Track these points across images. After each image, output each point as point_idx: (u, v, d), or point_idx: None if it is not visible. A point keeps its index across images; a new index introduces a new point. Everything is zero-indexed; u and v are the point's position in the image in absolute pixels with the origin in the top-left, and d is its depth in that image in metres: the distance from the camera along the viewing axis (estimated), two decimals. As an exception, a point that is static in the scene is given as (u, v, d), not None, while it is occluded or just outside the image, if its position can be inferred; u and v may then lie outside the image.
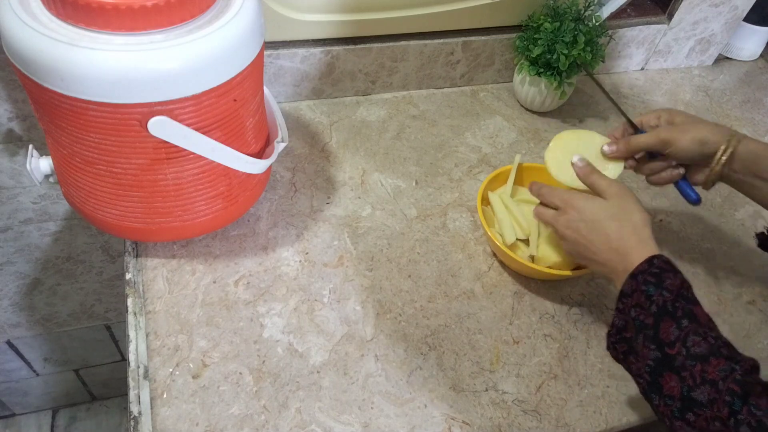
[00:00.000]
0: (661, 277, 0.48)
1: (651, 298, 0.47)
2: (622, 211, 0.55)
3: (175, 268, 0.65)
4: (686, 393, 0.43)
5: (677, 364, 0.44)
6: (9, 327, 1.15)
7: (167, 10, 0.47)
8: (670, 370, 0.45)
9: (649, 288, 0.48)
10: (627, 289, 0.50)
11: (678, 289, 0.47)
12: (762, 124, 0.99)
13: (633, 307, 0.49)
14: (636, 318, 0.48)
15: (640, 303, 0.48)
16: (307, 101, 0.89)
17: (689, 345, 0.44)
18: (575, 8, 0.85)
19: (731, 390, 0.41)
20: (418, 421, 0.57)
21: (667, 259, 0.50)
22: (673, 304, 0.47)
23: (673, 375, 0.44)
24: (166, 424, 0.54)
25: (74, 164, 0.55)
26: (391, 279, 0.68)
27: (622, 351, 0.51)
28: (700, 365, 0.43)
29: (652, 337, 0.46)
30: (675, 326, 0.46)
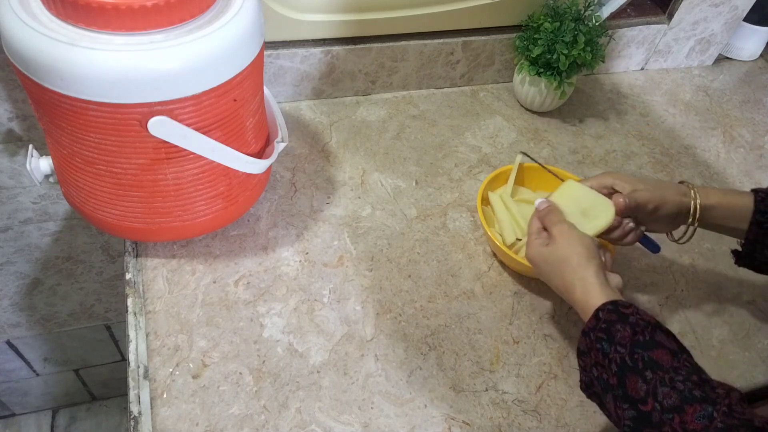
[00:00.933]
0: (610, 332, 0.47)
1: (608, 356, 0.46)
2: (562, 260, 0.53)
3: (175, 268, 0.65)
4: None
5: (655, 420, 0.43)
6: (9, 327, 1.15)
7: (167, 10, 0.47)
8: (650, 427, 0.43)
9: (602, 345, 0.47)
10: (583, 347, 0.49)
11: (630, 339, 0.46)
12: (762, 124, 0.99)
13: (593, 366, 0.48)
14: (599, 377, 0.47)
15: (599, 362, 0.47)
16: (307, 101, 0.89)
17: (660, 398, 0.43)
18: (575, 8, 0.85)
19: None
20: (418, 421, 0.57)
21: (614, 306, 0.48)
22: (631, 358, 0.45)
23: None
24: (166, 424, 0.54)
25: (74, 164, 0.55)
26: (391, 279, 0.68)
27: (597, 403, 0.50)
28: (678, 417, 0.42)
29: (622, 396, 0.45)
30: (641, 380, 0.44)
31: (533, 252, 0.57)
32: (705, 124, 0.98)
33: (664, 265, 0.74)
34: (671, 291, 0.71)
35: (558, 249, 0.54)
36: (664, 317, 0.69)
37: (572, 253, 0.53)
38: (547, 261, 0.55)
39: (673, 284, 0.72)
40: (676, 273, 0.73)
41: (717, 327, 0.69)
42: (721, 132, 0.97)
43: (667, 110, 0.99)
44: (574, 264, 0.52)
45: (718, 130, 0.97)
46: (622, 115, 0.96)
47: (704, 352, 0.66)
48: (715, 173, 0.89)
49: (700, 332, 0.68)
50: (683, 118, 0.98)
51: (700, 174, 0.88)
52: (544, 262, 0.55)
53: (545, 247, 0.56)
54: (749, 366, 0.65)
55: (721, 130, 0.97)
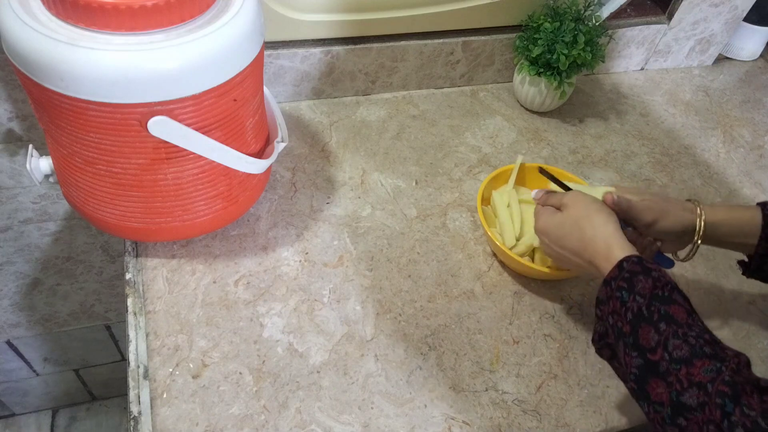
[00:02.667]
0: (632, 282, 0.48)
1: (625, 305, 0.47)
2: (580, 218, 0.54)
3: (175, 268, 0.65)
4: (675, 398, 0.42)
5: (662, 369, 0.44)
6: (9, 327, 1.15)
7: (167, 10, 0.47)
8: (656, 377, 0.44)
9: (622, 294, 0.48)
10: (602, 296, 0.50)
11: (651, 291, 0.47)
12: (762, 124, 0.99)
13: (610, 314, 0.49)
14: (614, 325, 0.48)
15: (616, 310, 0.48)
16: (307, 101, 0.89)
17: (670, 349, 0.44)
18: (575, 8, 0.85)
19: (721, 392, 0.40)
20: (418, 421, 0.57)
21: (638, 259, 0.49)
22: (648, 309, 0.46)
23: (660, 381, 0.44)
24: (166, 424, 0.54)
25: (74, 164, 0.55)
26: (391, 279, 0.68)
27: (607, 356, 0.51)
28: (685, 368, 0.42)
29: (632, 344, 0.46)
30: (653, 331, 0.45)
31: (543, 221, 0.57)
32: (705, 124, 0.98)
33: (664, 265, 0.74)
34: (671, 291, 0.71)
35: (574, 210, 0.55)
36: (664, 317, 0.69)
37: (592, 210, 0.54)
38: (562, 225, 0.55)
39: (673, 284, 0.72)
40: (676, 274, 0.73)
41: (717, 327, 0.69)
42: (721, 132, 0.97)
43: (667, 110, 0.99)
44: (594, 220, 0.53)
45: (718, 130, 0.97)
46: (622, 115, 0.96)
47: (704, 352, 0.66)
48: (715, 173, 0.89)
49: (700, 332, 0.68)
50: (683, 118, 0.98)
51: (700, 174, 0.88)
52: (557, 227, 0.56)
53: (555, 214, 0.56)
54: (749, 366, 0.65)
55: (721, 130, 0.97)
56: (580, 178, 0.77)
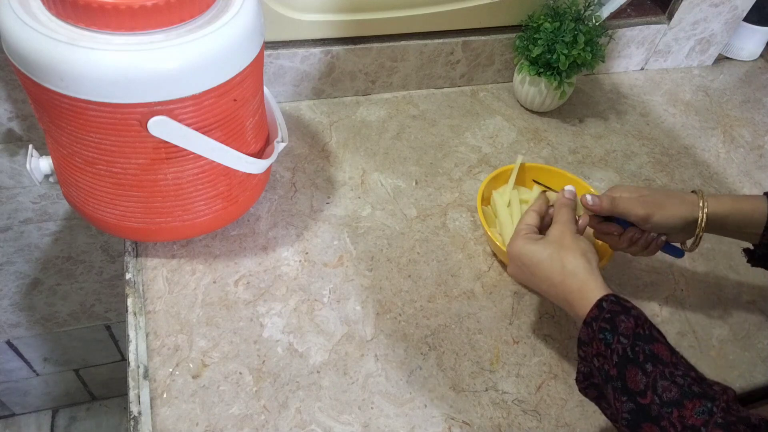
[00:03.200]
0: (614, 322, 0.47)
1: (610, 347, 0.46)
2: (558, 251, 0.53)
3: (175, 268, 0.65)
4: None
5: (653, 413, 0.43)
6: (9, 327, 1.15)
7: (167, 10, 0.47)
8: (648, 421, 0.43)
9: (606, 336, 0.47)
10: (585, 338, 0.49)
11: (633, 331, 0.46)
12: (762, 124, 0.99)
13: (595, 356, 0.48)
14: (600, 368, 0.47)
15: (601, 352, 0.47)
16: (307, 101, 0.89)
17: (660, 392, 0.43)
18: (575, 8, 0.85)
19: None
20: (418, 421, 0.57)
21: (616, 298, 0.48)
22: (632, 350, 0.45)
23: (653, 425, 0.43)
24: (166, 424, 0.54)
25: (74, 164, 0.55)
26: (391, 279, 0.68)
27: (593, 396, 0.50)
28: (677, 411, 0.42)
29: (621, 388, 0.45)
30: (641, 373, 0.44)
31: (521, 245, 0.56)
32: (705, 124, 0.98)
33: (664, 265, 0.74)
34: (671, 291, 0.71)
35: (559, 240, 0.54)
36: (664, 317, 0.69)
37: (576, 247, 0.53)
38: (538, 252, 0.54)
39: (673, 284, 0.72)
40: (676, 273, 0.73)
41: (717, 327, 0.69)
42: (721, 132, 0.97)
43: (667, 110, 0.99)
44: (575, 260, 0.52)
45: (718, 130, 0.97)
46: (622, 115, 0.96)
47: (704, 352, 0.66)
48: (715, 173, 0.89)
49: (700, 332, 0.68)
50: (683, 118, 0.98)
51: (700, 174, 0.88)
52: (532, 253, 0.54)
53: (536, 242, 0.55)
54: (749, 366, 0.65)
55: (721, 130, 0.97)
56: (580, 178, 0.77)
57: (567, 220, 0.57)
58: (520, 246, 0.56)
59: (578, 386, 0.51)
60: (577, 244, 0.54)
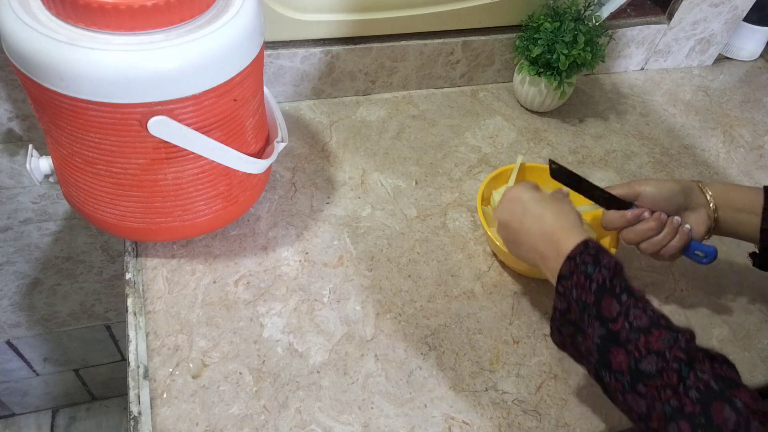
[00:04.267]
0: (598, 257, 0.49)
1: (590, 277, 0.48)
2: (554, 201, 0.57)
3: (175, 268, 0.65)
4: (634, 366, 0.44)
5: (622, 338, 0.46)
6: (9, 327, 1.15)
7: (167, 10, 0.47)
8: (617, 345, 0.46)
9: (587, 267, 0.49)
10: (565, 272, 0.51)
11: (614, 268, 0.49)
12: (762, 124, 0.99)
13: (574, 287, 0.50)
14: (578, 299, 0.49)
15: (581, 283, 0.49)
16: (307, 101, 0.89)
17: (631, 319, 0.46)
18: (575, 8, 0.85)
19: (678, 357, 0.43)
20: (418, 421, 0.57)
21: (598, 244, 0.51)
22: (611, 282, 0.48)
23: (620, 349, 0.45)
24: (166, 424, 0.54)
25: (74, 164, 0.55)
26: (391, 279, 0.68)
27: (568, 334, 0.51)
28: (644, 337, 0.45)
29: (595, 315, 0.48)
30: (615, 302, 0.47)
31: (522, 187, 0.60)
32: (705, 124, 0.98)
33: (664, 265, 0.74)
34: (671, 291, 0.71)
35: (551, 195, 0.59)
36: (664, 317, 0.69)
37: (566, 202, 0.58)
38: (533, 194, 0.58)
39: (673, 284, 0.72)
40: (676, 273, 0.73)
41: (717, 327, 0.69)
42: (721, 132, 0.97)
43: (667, 110, 0.99)
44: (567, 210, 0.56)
45: (718, 130, 0.97)
46: (622, 115, 0.96)
47: (704, 352, 0.66)
48: (715, 173, 0.89)
49: (700, 332, 0.68)
50: (683, 118, 0.98)
51: (700, 174, 0.88)
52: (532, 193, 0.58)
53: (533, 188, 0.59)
54: (749, 366, 0.65)
55: (721, 130, 0.97)
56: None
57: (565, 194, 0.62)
58: (522, 188, 0.60)
59: (552, 327, 0.53)
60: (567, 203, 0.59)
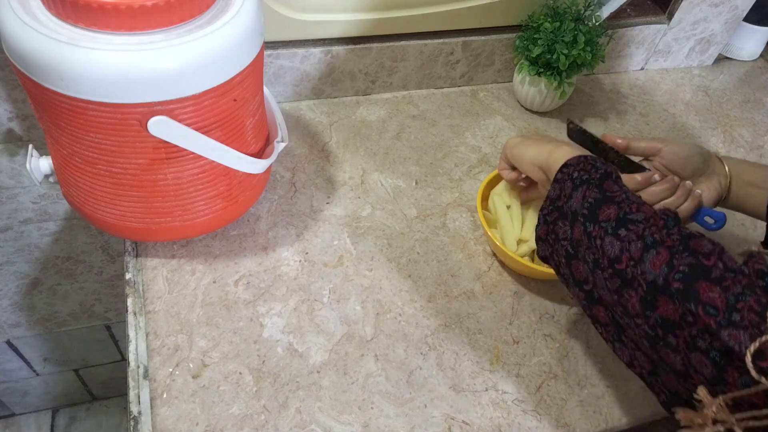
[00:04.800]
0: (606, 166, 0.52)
1: (597, 167, 0.51)
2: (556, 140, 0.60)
3: (175, 268, 0.65)
4: (622, 216, 0.46)
5: (617, 199, 0.48)
6: (9, 327, 1.15)
7: (167, 10, 0.47)
8: (610, 203, 0.48)
9: (596, 162, 0.52)
10: (572, 162, 0.53)
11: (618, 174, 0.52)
12: (762, 124, 0.99)
13: (577, 170, 0.52)
14: (578, 178, 0.51)
15: (587, 168, 0.51)
16: (307, 101, 0.89)
17: (629, 194, 0.49)
18: (575, 8, 0.85)
19: (666, 214, 0.45)
20: (418, 421, 0.57)
21: None
22: (616, 176, 0.51)
23: (612, 206, 0.47)
24: (166, 424, 0.54)
25: (74, 164, 0.55)
26: (391, 279, 0.68)
27: (552, 220, 0.52)
28: (637, 205, 0.47)
29: (596, 185, 0.50)
30: (617, 186, 0.49)
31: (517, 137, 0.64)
32: (705, 124, 0.98)
33: (664, 265, 0.74)
34: (671, 291, 0.71)
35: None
36: (664, 317, 0.69)
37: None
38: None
39: (673, 284, 0.72)
40: (676, 273, 0.73)
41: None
42: (721, 132, 0.97)
43: (667, 110, 0.99)
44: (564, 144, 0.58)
45: (718, 130, 0.97)
46: (622, 115, 0.96)
47: (704, 352, 0.66)
48: (715, 173, 0.89)
49: (700, 332, 0.68)
50: (683, 118, 0.98)
51: (700, 174, 0.88)
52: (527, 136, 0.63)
53: None
54: (749, 366, 0.65)
55: (721, 130, 0.97)
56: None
57: None
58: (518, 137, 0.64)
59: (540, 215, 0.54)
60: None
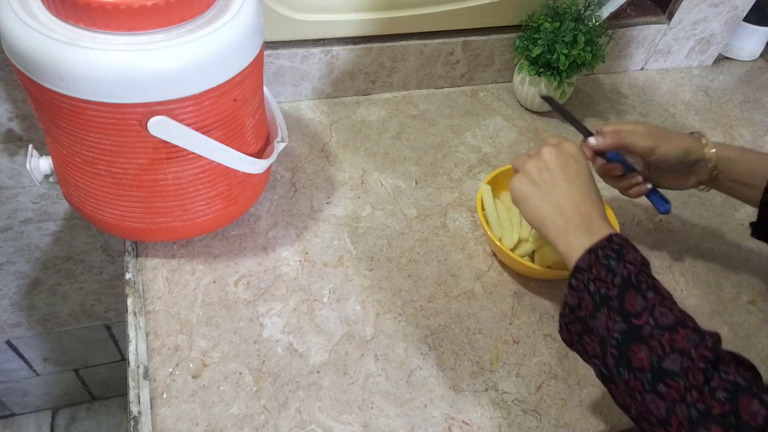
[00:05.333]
0: (621, 252, 0.47)
1: (613, 271, 0.46)
2: (587, 177, 0.54)
3: (175, 268, 0.65)
4: (656, 363, 0.42)
5: (645, 333, 0.43)
6: (9, 327, 1.15)
7: (167, 10, 0.47)
8: (638, 341, 0.43)
9: (610, 262, 0.47)
10: (583, 264, 0.48)
11: (640, 264, 0.47)
12: (762, 124, 0.99)
13: (592, 281, 0.47)
14: (596, 292, 0.46)
15: (601, 277, 0.46)
16: (307, 101, 0.89)
17: (656, 316, 0.43)
18: (575, 8, 0.85)
19: (704, 357, 0.41)
20: (418, 421, 0.57)
21: (626, 238, 0.49)
22: (636, 277, 0.45)
23: (642, 345, 0.43)
24: (166, 424, 0.54)
25: (74, 164, 0.55)
26: (391, 279, 0.68)
27: (576, 332, 0.49)
28: (669, 335, 0.42)
29: (617, 309, 0.45)
30: (640, 297, 0.45)
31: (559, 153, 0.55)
32: (705, 124, 0.98)
33: (664, 265, 0.74)
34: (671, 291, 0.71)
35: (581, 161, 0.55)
36: (664, 317, 0.69)
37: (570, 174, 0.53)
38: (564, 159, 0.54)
39: (673, 284, 0.72)
40: (676, 273, 0.73)
41: (717, 327, 0.68)
42: (721, 132, 0.97)
43: (667, 110, 0.99)
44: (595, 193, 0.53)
45: (718, 130, 0.97)
46: (622, 115, 0.96)
47: (704, 352, 0.66)
48: (715, 173, 0.89)
49: (700, 332, 0.68)
50: (683, 118, 0.98)
51: (700, 174, 0.88)
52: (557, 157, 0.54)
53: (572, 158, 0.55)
54: (749, 366, 0.65)
55: (721, 130, 0.97)
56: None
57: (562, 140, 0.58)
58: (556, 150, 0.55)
59: (560, 322, 0.50)
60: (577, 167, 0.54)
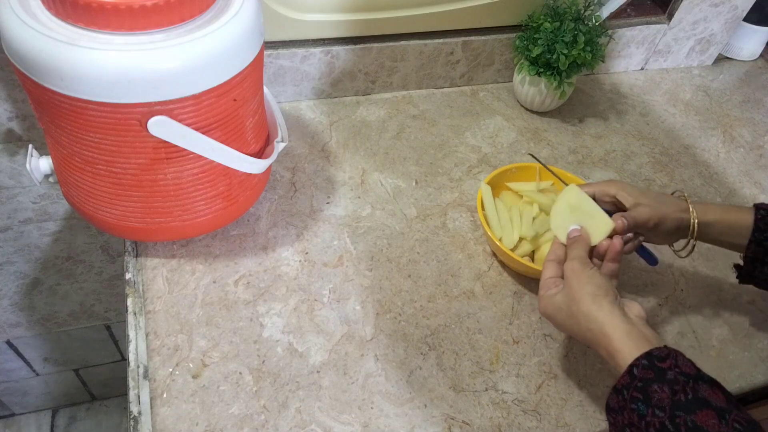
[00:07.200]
0: (647, 393, 0.44)
1: (644, 419, 0.43)
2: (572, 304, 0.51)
3: (175, 268, 0.65)
4: None
5: None
6: (9, 327, 1.15)
7: (167, 10, 0.47)
8: None
9: (638, 406, 0.44)
10: (614, 405, 0.46)
11: (670, 400, 0.43)
12: (762, 124, 0.99)
13: (627, 426, 0.44)
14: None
15: (634, 423, 0.44)
16: (307, 101, 0.89)
17: None
18: (575, 8, 0.86)
19: None
20: (418, 421, 0.57)
21: (648, 362, 0.45)
22: (672, 422, 0.42)
23: None
24: (166, 424, 0.54)
25: (74, 164, 0.55)
26: (391, 279, 0.68)
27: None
28: None
29: None
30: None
31: (544, 305, 0.54)
32: (705, 124, 0.98)
33: (664, 265, 0.74)
34: (671, 291, 0.71)
35: (568, 291, 0.52)
36: (664, 317, 0.69)
37: (583, 294, 0.51)
38: (560, 309, 0.52)
39: (673, 284, 0.72)
40: (676, 273, 0.73)
41: (717, 327, 0.69)
42: (721, 132, 0.97)
43: (667, 110, 0.99)
44: (585, 308, 0.50)
45: (717, 130, 0.97)
46: (622, 115, 0.96)
47: (704, 352, 0.66)
48: (715, 173, 0.89)
49: (700, 332, 0.68)
50: (683, 118, 0.98)
51: (699, 174, 0.88)
52: (557, 310, 0.53)
53: (555, 296, 0.53)
54: (749, 366, 0.65)
55: (720, 130, 0.97)
56: (580, 177, 0.77)
57: (575, 257, 0.55)
58: (543, 308, 0.55)
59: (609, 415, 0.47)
60: (584, 289, 0.51)
